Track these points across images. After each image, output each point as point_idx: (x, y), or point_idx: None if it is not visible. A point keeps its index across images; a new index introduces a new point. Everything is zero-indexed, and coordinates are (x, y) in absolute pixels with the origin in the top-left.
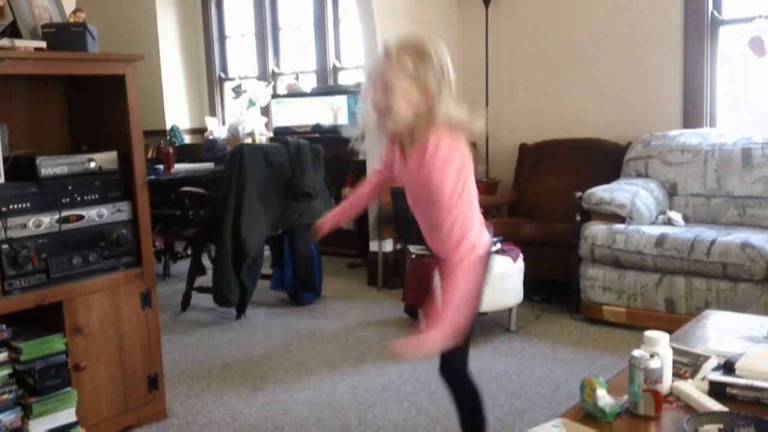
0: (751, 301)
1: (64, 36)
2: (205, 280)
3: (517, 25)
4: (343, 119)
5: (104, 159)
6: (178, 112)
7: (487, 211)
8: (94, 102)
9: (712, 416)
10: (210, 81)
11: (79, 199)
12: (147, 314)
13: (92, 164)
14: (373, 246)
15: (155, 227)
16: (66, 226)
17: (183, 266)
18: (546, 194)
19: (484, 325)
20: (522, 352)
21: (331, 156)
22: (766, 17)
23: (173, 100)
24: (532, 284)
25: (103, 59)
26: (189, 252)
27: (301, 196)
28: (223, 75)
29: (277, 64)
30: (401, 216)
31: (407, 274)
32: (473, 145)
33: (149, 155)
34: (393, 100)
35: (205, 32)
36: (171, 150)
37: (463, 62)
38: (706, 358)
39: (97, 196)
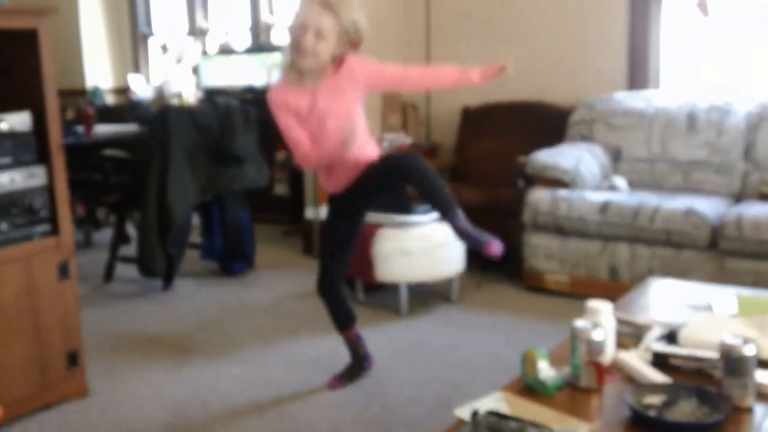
0: (694, 267)
1: None
2: (130, 249)
3: None
4: (276, 79)
5: (16, 120)
6: (99, 71)
7: None
8: (3, 58)
9: (654, 388)
10: (134, 37)
11: None
12: (65, 286)
13: (2, 125)
14: (309, 212)
15: (77, 193)
16: None
17: (106, 235)
18: (489, 158)
19: (423, 295)
20: (462, 323)
21: (264, 119)
22: None
23: (94, 57)
24: (473, 251)
25: (13, 12)
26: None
27: (231, 161)
28: (147, 31)
29: (206, 20)
30: None
31: None
32: (413, 108)
33: (69, 116)
34: (320, 44)
35: None
36: (92, 111)
37: (404, 21)
38: (649, 327)
39: (8, 159)
